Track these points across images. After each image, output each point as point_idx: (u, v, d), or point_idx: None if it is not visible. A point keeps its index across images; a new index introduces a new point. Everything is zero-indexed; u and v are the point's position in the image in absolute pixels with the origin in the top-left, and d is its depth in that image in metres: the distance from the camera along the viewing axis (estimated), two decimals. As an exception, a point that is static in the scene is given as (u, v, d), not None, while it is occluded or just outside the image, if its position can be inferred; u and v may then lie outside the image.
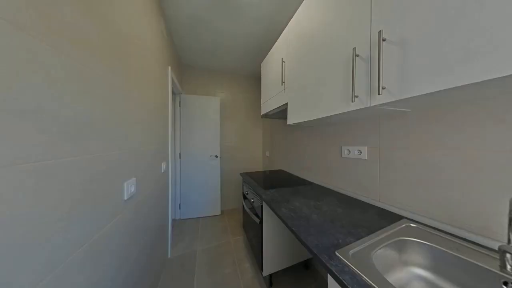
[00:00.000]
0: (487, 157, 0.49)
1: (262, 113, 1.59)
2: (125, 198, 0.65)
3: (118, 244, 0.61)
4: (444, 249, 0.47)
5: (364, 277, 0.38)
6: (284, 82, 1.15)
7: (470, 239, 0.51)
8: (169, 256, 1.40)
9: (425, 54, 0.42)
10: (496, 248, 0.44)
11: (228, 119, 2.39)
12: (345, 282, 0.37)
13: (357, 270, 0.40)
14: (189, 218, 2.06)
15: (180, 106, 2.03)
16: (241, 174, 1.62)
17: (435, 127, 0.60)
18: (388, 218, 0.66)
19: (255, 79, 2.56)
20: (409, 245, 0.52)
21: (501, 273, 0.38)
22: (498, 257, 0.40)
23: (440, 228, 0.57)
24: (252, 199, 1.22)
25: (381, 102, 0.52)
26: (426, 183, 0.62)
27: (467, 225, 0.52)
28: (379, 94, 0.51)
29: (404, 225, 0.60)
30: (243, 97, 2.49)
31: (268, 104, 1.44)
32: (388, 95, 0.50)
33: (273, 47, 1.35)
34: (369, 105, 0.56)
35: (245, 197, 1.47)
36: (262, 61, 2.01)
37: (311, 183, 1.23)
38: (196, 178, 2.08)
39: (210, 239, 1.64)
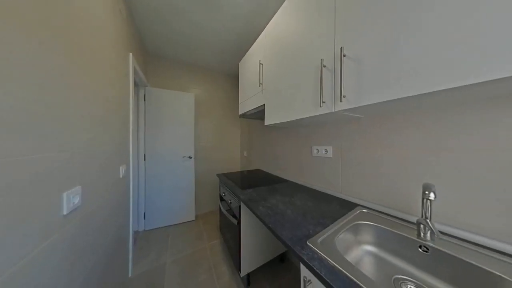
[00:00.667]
0: (410, 154, 0.65)
1: (240, 113, 1.58)
2: (65, 213, 0.51)
3: (54, 271, 0.47)
4: (384, 227, 0.60)
5: (330, 260, 0.43)
6: (262, 84, 1.18)
7: (400, 217, 0.66)
8: (130, 275, 1.19)
9: (373, 71, 0.52)
10: (415, 221, 0.60)
11: (204, 118, 2.26)
12: (314, 268, 0.41)
13: (324, 255, 0.45)
14: (157, 228, 1.83)
15: (145, 100, 1.77)
16: (218, 175, 1.56)
17: (379, 131, 0.75)
18: (347, 207, 0.78)
19: (233, 78, 2.51)
20: (362, 228, 0.63)
21: (417, 240, 0.52)
22: (416, 228, 0.54)
23: (382, 211, 0.72)
24: (230, 200, 1.19)
25: (342, 108, 0.61)
26: (372, 176, 0.77)
27: (398, 206, 0.68)
28: (341, 101, 0.60)
29: (358, 212, 0.72)
30: (221, 96, 2.40)
31: (246, 104, 1.44)
32: (347, 102, 0.59)
33: (252, 47, 1.36)
34: (333, 110, 0.65)
35: (222, 199, 1.43)
36: (240, 60, 2.00)
37: (286, 181, 1.31)
38: (166, 182, 1.86)
39: (183, 248, 1.50)
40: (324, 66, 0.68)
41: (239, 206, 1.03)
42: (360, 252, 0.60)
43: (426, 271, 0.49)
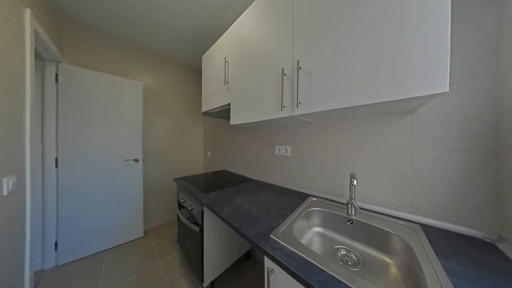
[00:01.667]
0: (342, 152, 0.85)
1: (203, 111, 1.46)
2: None
3: None
4: (327, 210, 0.75)
5: (289, 247, 0.49)
6: (228, 82, 1.16)
7: (338, 201, 0.85)
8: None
9: (320, 85, 0.64)
10: (345, 202, 0.79)
11: (158, 113, 1.91)
12: (276, 257, 0.45)
13: (284, 244, 0.50)
14: (80, 259, 1.34)
15: (57, 81, 1.26)
16: (175, 179, 1.36)
17: (323, 133, 0.93)
18: (303, 197, 0.92)
19: (195, 72, 2.28)
20: (312, 214, 0.76)
21: (347, 216, 0.69)
22: (346, 208, 0.72)
23: (327, 198, 0.90)
24: (191, 206, 1.08)
25: (298, 113, 0.71)
26: (319, 170, 0.95)
27: (337, 193, 0.87)
28: (297, 107, 0.69)
29: (310, 201, 0.86)
30: (180, 89, 2.12)
31: (210, 102, 1.36)
32: (302, 108, 0.70)
33: (217, 42, 1.30)
34: (292, 114, 0.74)
35: (181, 206, 1.26)
36: (204, 54, 1.85)
37: (251, 180, 1.34)
38: (96, 195, 1.41)
39: (125, 275, 1.19)
40: (285, 75, 0.76)
41: (202, 212, 0.95)
42: (311, 234, 0.72)
43: (352, 238, 0.67)
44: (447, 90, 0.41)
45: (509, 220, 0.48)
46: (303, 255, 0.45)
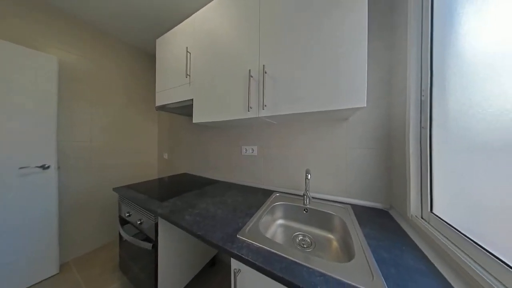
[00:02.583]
0: (300, 151, 0.98)
1: (157, 105, 1.24)
2: None
3: None
4: (288, 203, 0.84)
5: (255, 243, 0.50)
6: (189, 75, 1.05)
7: (297, 194, 0.97)
8: None
9: (283, 90, 0.71)
10: (302, 194, 0.92)
11: (88, 102, 1.43)
12: (243, 256, 0.46)
13: (250, 241, 0.51)
14: None
15: None
16: (116, 189, 1.07)
17: (285, 134, 1.04)
18: (268, 194, 0.98)
19: (147, 56, 1.89)
20: (276, 208, 0.83)
21: (303, 206, 0.80)
22: (302, 199, 0.84)
23: (288, 192, 1.00)
24: (140, 220, 0.88)
25: (264, 115, 0.75)
26: (282, 168, 1.05)
27: (296, 187, 0.99)
28: (263, 109, 0.73)
29: (274, 197, 0.93)
30: (126, 75, 1.69)
31: (167, 95, 1.18)
32: (268, 111, 0.74)
33: (176, 28, 1.15)
34: (258, 116, 0.77)
35: (125, 222, 1.01)
36: (159, 37, 1.57)
37: (217, 181, 1.28)
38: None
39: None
40: (251, 77, 0.78)
41: (156, 224, 0.80)
42: (275, 227, 0.78)
43: (307, 224, 0.78)
44: (365, 105, 0.57)
45: (394, 196, 0.74)
46: (268, 248, 0.48)
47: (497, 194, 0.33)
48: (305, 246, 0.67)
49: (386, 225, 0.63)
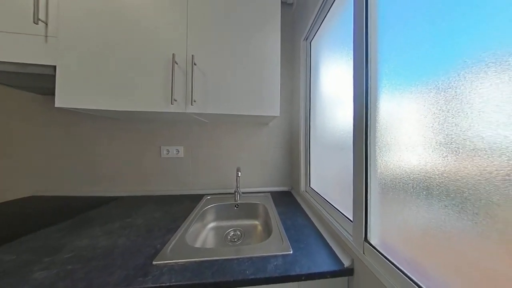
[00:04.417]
0: (232, 149, 1.03)
1: None
2: None
3: None
4: (219, 203, 0.84)
5: (181, 261, 0.43)
6: (48, 25, 0.61)
7: (229, 192, 0.99)
8: None
9: (213, 88, 0.69)
10: (233, 191, 0.97)
11: None
12: (163, 285, 0.37)
13: (174, 261, 0.43)
14: None
15: None
16: None
17: (217, 134, 1.02)
18: (198, 199, 0.88)
19: None
20: (207, 212, 0.78)
21: (234, 202, 0.85)
22: (233, 196, 0.89)
23: (221, 192, 0.99)
24: None
25: (193, 111, 0.67)
26: (213, 169, 1.01)
27: (228, 186, 1.02)
28: (191, 104, 0.65)
29: (205, 200, 0.87)
30: None
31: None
32: (197, 107, 0.67)
33: None
34: (185, 111, 0.67)
35: None
36: None
37: (116, 198, 0.89)
38: None
39: None
40: (176, 63, 0.65)
41: None
42: (206, 232, 0.73)
43: (237, 219, 0.84)
44: (278, 114, 0.75)
45: (293, 180, 1.06)
46: (196, 259, 0.44)
47: (331, 170, 0.63)
48: (235, 239, 0.71)
49: (289, 201, 0.88)
